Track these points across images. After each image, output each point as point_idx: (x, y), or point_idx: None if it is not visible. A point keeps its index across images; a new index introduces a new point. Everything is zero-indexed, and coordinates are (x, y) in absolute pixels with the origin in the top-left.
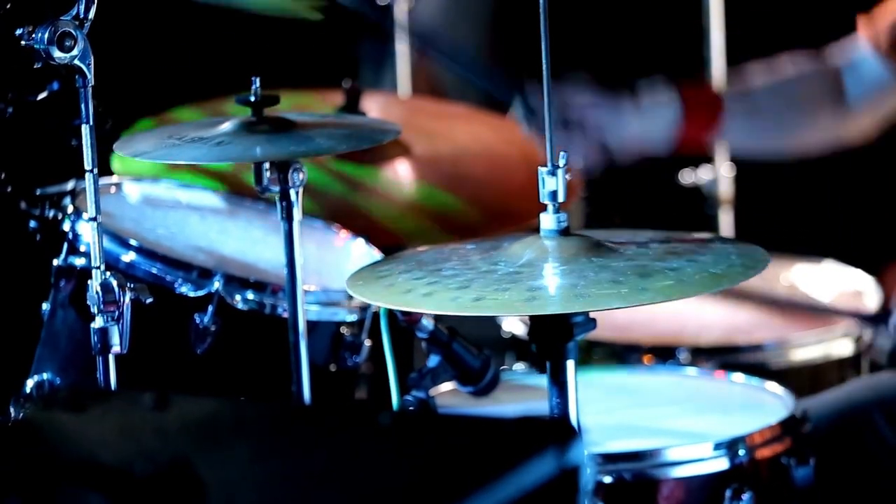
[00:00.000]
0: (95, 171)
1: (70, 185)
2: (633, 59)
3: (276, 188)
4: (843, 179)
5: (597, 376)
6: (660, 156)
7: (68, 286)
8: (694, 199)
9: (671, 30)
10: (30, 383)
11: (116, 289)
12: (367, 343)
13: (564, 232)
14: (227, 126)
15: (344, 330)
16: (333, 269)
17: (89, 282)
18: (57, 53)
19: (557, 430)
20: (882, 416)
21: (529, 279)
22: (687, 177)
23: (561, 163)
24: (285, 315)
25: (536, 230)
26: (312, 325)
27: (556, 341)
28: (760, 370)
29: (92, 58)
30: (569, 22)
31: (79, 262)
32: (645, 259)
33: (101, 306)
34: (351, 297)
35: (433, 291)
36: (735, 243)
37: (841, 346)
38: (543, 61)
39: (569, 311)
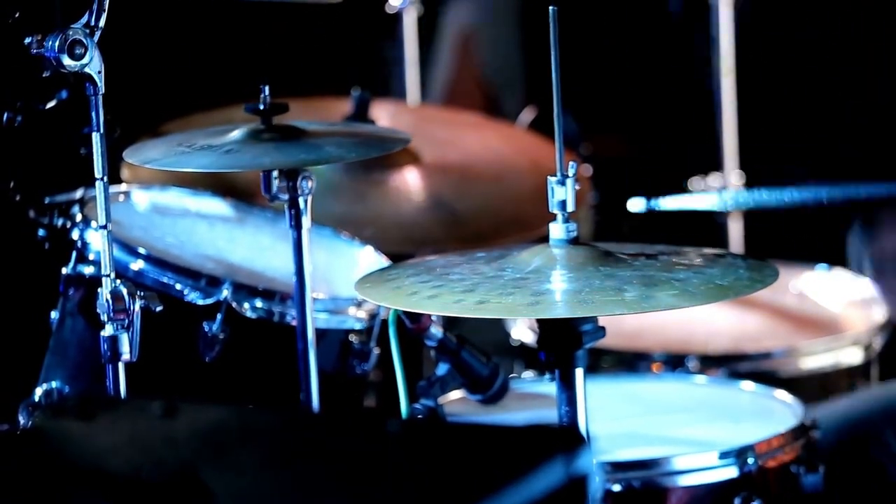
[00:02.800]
0: (105, 178)
1: (78, 194)
2: (642, 66)
3: (285, 196)
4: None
5: (606, 384)
6: None
7: (77, 294)
8: None
9: (680, 40)
10: (39, 391)
11: (127, 297)
12: (376, 351)
13: (573, 241)
14: (236, 134)
15: (353, 338)
16: (342, 276)
17: (99, 290)
18: (67, 61)
19: (566, 438)
20: (891, 429)
21: (535, 284)
22: (696, 185)
23: (570, 172)
24: (294, 323)
25: (546, 239)
26: (321, 333)
27: (565, 349)
28: (769, 378)
29: (102, 66)
30: (580, 35)
31: (87, 270)
32: (652, 269)
33: (112, 314)
34: (360, 305)
35: (438, 294)
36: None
37: (850, 354)
38: (553, 75)
39: (571, 316)
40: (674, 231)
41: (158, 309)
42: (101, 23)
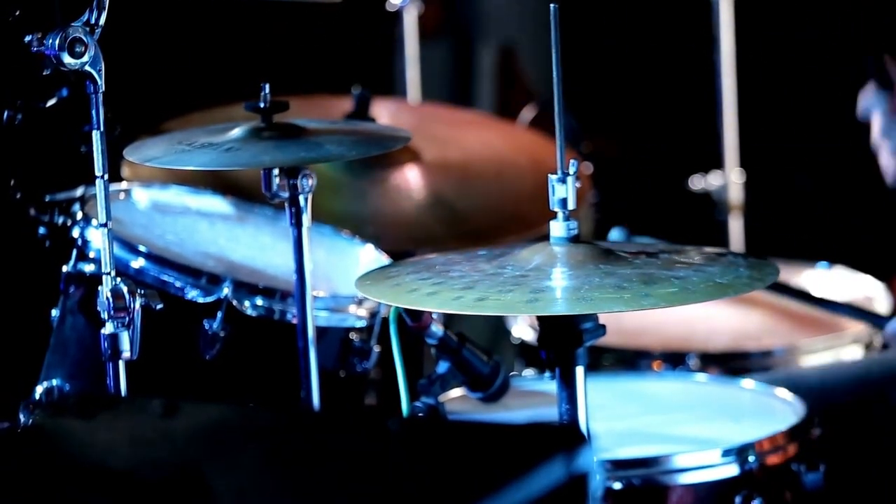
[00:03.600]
0: (106, 176)
1: (79, 192)
2: (644, 65)
3: (286, 194)
4: (854, 185)
5: (606, 382)
6: None
7: (77, 292)
8: (704, 205)
9: (681, 37)
10: (39, 390)
11: (127, 295)
12: (377, 349)
13: (574, 239)
14: (236, 132)
15: (353, 336)
16: (342, 274)
17: (100, 288)
18: (68, 59)
19: (566, 436)
20: None
21: (534, 282)
22: (697, 183)
23: (571, 170)
24: (294, 321)
25: (546, 237)
26: (322, 331)
27: (565, 347)
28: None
29: (103, 64)
30: (580, 30)
31: (88, 268)
32: (653, 268)
33: (112, 312)
34: (360, 303)
35: (438, 291)
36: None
37: (850, 353)
38: (555, 73)
39: (569, 313)
40: (674, 229)
41: (159, 307)
42: (102, 21)
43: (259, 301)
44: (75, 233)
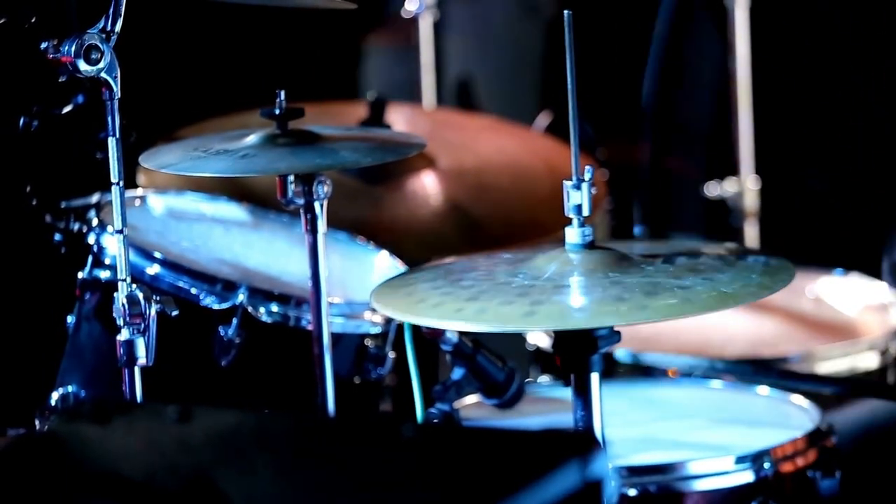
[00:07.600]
0: (121, 183)
1: (95, 198)
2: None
3: (301, 201)
4: (871, 192)
5: (621, 389)
6: None
7: (93, 299)
8: (719, 211)
9: (695, 43)
10: (55, 396)
11: (142, 301)
12: (392, 355)
13: (589, 245)
14: (252, 139)
15: (368, 342)
16: (358, 281)
17: (115, 294)
18: (84, 66)
19: (581, 442)
20: None
21: (539, 294)
22: (712, 189)
23: (586, 176)
24: (310, 327)
25: (562, 242)
26: (337, 338)
27: (580, 354)
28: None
29: (118, 70)
30: (595, 36)
31: (104, 274)
32: (662, 276)
33: (127, 319)
34: (375, 310)
35: (443, 302)
36: (765, 258)
37: (866, 359)
38: (569, 79)
39: (564, 328)
40: (690, 235)
41: (174, 313)
42: (118, 28)
43: (274, 307)
44: (91, 239)
